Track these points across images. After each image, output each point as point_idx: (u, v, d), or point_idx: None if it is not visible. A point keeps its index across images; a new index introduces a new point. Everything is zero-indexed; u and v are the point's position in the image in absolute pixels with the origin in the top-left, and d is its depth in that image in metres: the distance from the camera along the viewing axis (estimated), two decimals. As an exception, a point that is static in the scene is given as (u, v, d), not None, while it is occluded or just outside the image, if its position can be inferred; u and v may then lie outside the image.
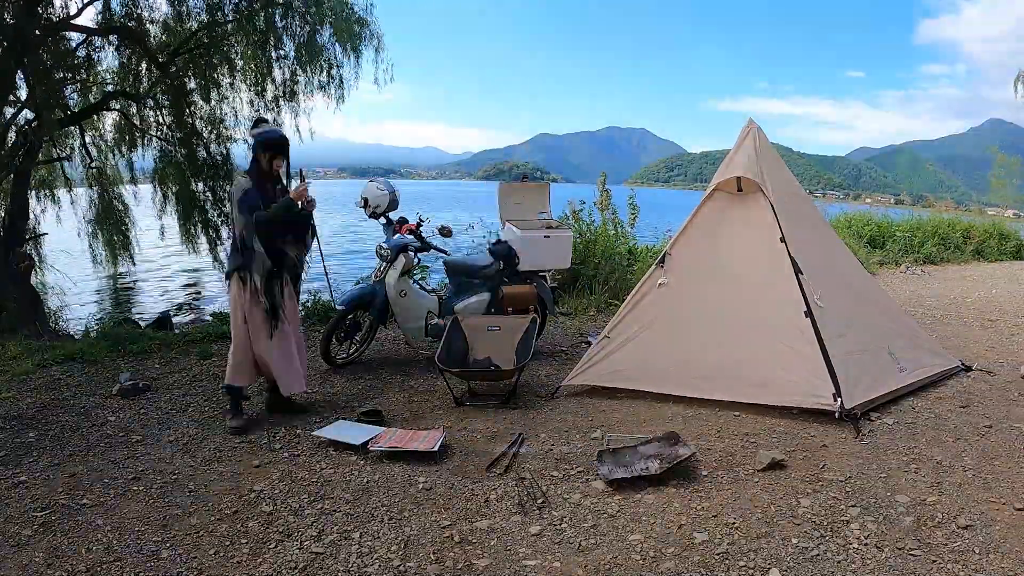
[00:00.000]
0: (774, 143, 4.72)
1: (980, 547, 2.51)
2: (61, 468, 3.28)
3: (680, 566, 2.43)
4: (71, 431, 3.75)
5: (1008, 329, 6.29)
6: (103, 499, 2.97)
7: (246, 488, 3.07)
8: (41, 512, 2.84)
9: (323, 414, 4.06)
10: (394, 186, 5.18)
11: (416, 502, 2.93)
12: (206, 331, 5.94)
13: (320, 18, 8.77)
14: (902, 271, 10.14)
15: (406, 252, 4.96)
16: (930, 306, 7.41)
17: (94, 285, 12.50)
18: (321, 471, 3.25)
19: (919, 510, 2.80)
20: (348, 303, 4.94)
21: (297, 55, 8.95)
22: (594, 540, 2.62)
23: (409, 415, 4.07)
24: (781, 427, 3.75)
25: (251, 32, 8.46)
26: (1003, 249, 12.18)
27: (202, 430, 3.79)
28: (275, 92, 9.28)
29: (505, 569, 2.44)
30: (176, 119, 8.75)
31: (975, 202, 18.65)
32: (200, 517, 2.81)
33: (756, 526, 2.68)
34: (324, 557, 2.51)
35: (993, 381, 4.64)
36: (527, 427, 3.83)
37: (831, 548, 2.52)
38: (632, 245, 8.11)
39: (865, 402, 3.91)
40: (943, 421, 3.86)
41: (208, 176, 9.14)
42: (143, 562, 2.48)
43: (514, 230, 5.32)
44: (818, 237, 4.67)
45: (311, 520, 2.78)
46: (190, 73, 8.74)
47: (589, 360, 4.42)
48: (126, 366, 4.97)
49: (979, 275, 9.95)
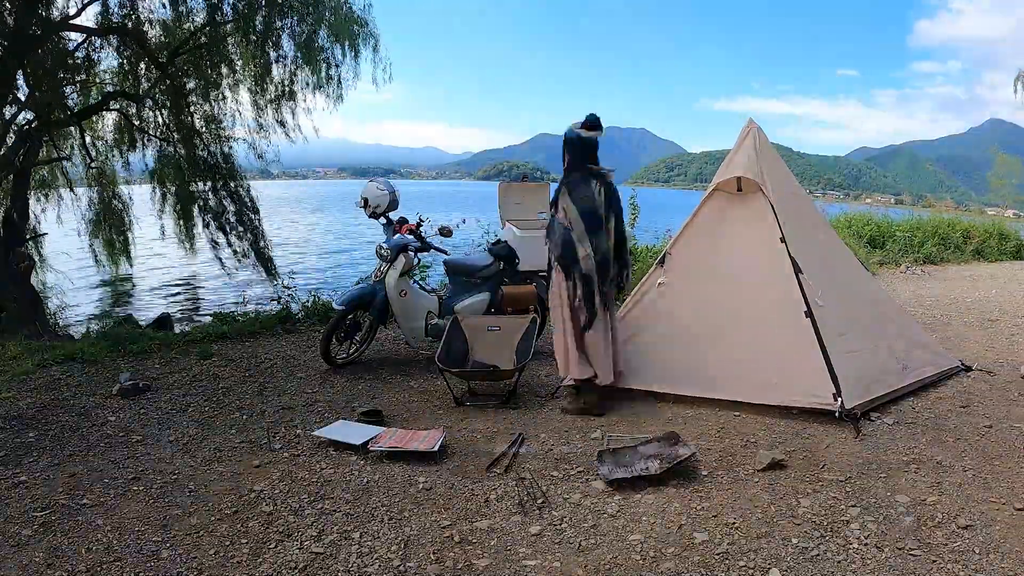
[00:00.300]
0: (773, 143, 4.72)
1: (980, 547, 2.51)
2: (61, 468, 3.28)
3: (680, 566, 2.43)
4: (71, 431, 3.76)
5: (1008, 329, 6.29)
6: (103, 499, 2.97)
7: (246, 488, 3.07)
8: (41, 512, 2.84)
9: (323, 414, 4.06)
10: (394, 186, 5.19)
11: (416, 502, 2.93)
12: (206, 331, 5.94)
13: (319, 18, 8.78)
14: (902, 271, 10.14)
15: (406, 252, 4.96)
16: (930, 306, 7.41)
17: (94, 285, 12.51)
18: (321, 471, 3.25)
19: (919, 510, 2.80)
20: (348, 303, 4.94)
21: (296, 55, 8.97)
22: (594, 540, 2.62)
23: (409, 415, 4.07)
24: (781, 427, 3.75)
25: (250, 32, 8.47)
26: (1003, 249, 12.18)
27: (202, 430, 3.79)
28: (275, 92, 9.30)
29: (505, 569, 2.44)
30: (176, 119, 8.76)
31: (975, 202, 18.68)
32: (200, 517, 2.81)
33: (756, 526, 2.68)
34: (324, 557, 2.51)
35: (993, 381, 4.63)
36: (527, 427, 3.83)
37: (831, 548, 2.52)
38: (632, 245, 8.12)
39: (865, 402, 3.90)
40: (943, 421, 3.86)
41: (208, 176, 9.14)
42: (143, 562, 2.48)
43: (514, 230, 5.32)
44: (818, 237, 4.67)
45: (311, 520, 2.78)
46: (190, 73, 8.75)
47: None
48: (126, 366, 4.97)
49: (979, 275, 9.95)
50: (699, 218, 4.46)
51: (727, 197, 4.40)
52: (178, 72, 8.63)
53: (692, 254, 4.41)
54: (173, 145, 9.05)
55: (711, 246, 4.37)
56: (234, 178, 9.13)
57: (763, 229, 4.20)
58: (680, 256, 4.43)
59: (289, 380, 4.72)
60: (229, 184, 9.08)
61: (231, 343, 5.70)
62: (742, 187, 4.33)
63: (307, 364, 5.10)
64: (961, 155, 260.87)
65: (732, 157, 4.40)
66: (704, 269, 4.33)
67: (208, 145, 8.98)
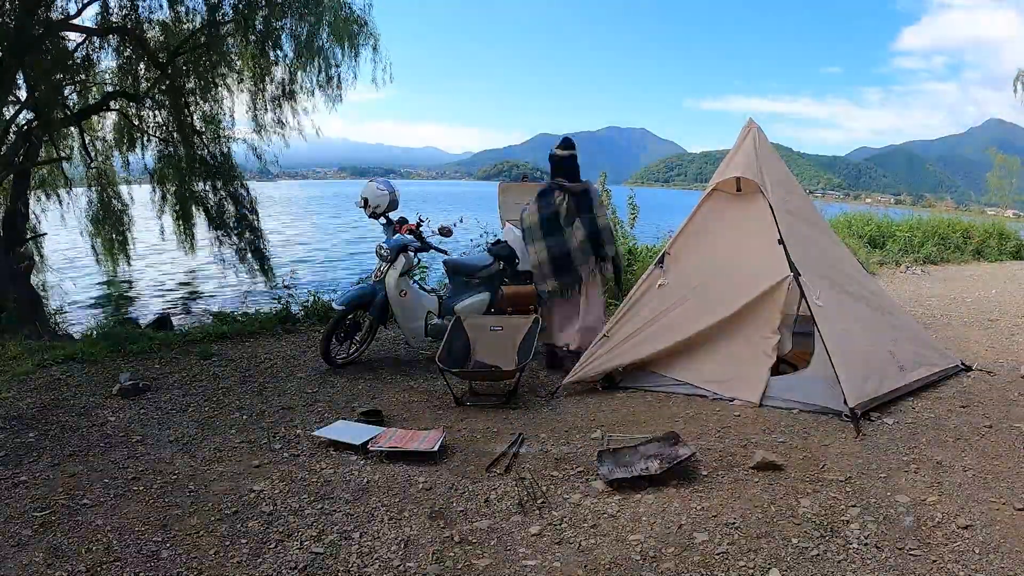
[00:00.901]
0: (773, 142, 4.72)
1: (980, 547, 2.51)
2: (61, 468, 3.28)
3: (680, 566, 2.43)
4: (71, 431, 3.75)
5: (1008, 329, 6.29)
6: (103, 499, 2.97)
7: (246, 488, 3.07)
8: (41, 512, 2.84)
9: (323, 414, 4.06)
10: (394, 186, 5.19)
11: (416, 502, 2.93)
12: (206, 331, 5.94)
13: (318, 18, 8.78)
14: (902, 271, 10.14)
15: (406, 252, 4.96)
16: (930, 306, 7.41)
17: (94, 284, 12.51)
18: (321, 471, 3.25)
19: (919, 510, 2.80)
20: (347, 303, 4.94)
21: (296, 55, 8.96)
22: (594, 540, 2.62)
23: (409, 415, 4.07)
24: (781, 427, 3.74)
25: (250, 32, 8.47)
26: (1003, 249, 12.17)
27: (202, 430, 3.79)
28: (274, 92, 9.30)
29: (505, 569, 2.44)
30: (175, 119, 8.76)
31: (975, 202, 18.67)
32: (200, 517, 2.81)
33: (756, 526, 2.68)
34: (324, 557, 2.51)
35: (993, 381, 4.63)
36: (527, 427, 3.83)
37: (831, 548, 2.52)
38: (632, 245, 8.12)
39: (865, 401, 3.90)
40: (943, 421, 3.85)
41: (207, 176, 9.14)
42: (143, 562, 2.48)
43: (514, 230, 5.31)
44: (818, 237, 4.67)
45: (311, 520, 2.78)
46: (189, 73, 8.75)
47: (589, 358, 4.42)
48: (126, 366, 4.97)
49: (979, 275, 9.95)
50: (698, 218, 4.46)
51: (726, 197, 4.40)
52: (177, 72, 8.62)
53: (690, 254, 4.40)
54: (173, 145, 9.05)
55: (710, 246, 4.37)
56: (233, 178, 9.13)
57: (762, 229, 4.20)
58: (679, 256, 4.43)
59: (289, 380, 4.73)
60: (228, 185, 9.08)
61: (231, 343, 5.70)
62: (741, 187, 4.33)
63: (307, 364, 5.10)
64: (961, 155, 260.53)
65: (732, 157, 4.40)
66: (703, 269, 4.33)
67: (208, 145, 8.98)
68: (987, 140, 61.75)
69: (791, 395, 3.91)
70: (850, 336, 4.14)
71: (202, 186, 9.25)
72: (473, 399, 4.32)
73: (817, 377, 3.85)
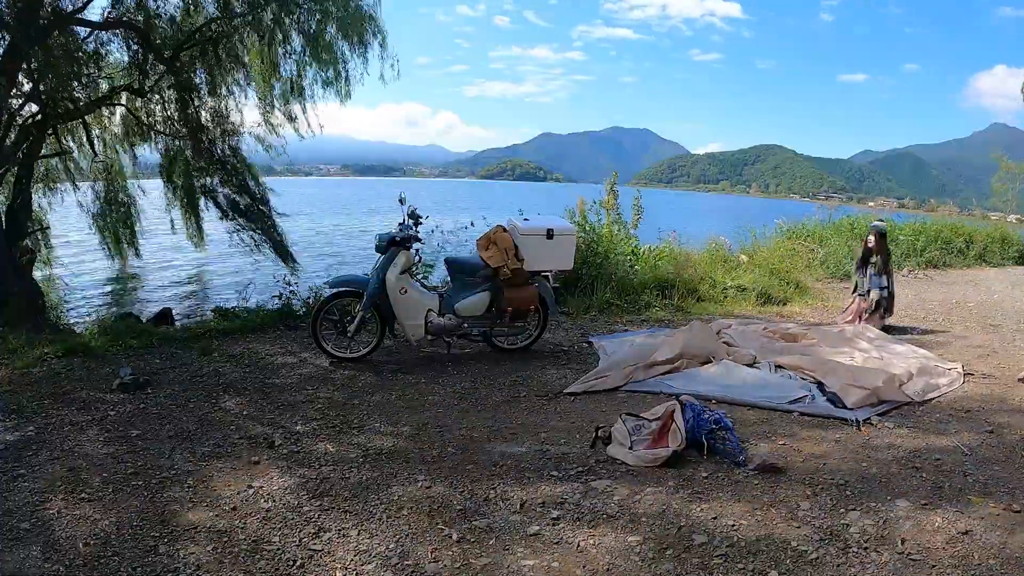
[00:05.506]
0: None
1: (979, 551, 2.51)
2: (60, 462, 3.28)
3: (679, 567, 2.42)
4: (71, 425, 3.75)
5: (1009, 334, 6.28)
6: (102, 493, 2.97)
7: (245, 484, 3.07)
8: (40, 506, 2.84)
9: (324, 411, 4.05)
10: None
11: (415, 500, 2.93)
12: (207, 327, 5.93)
13: (327, 13, 8.75)
14: (904, 275, 10.12)
15: (405, 249, 4.96)
16: (932, 310, 7.40)
17: (97, 279, 12.53)
18: (320, 468, 3.25)
19: (919, 514, 2.79)
20: (336, 286, 4.92)
21: (304, 50, 8.94)
22: (594, 540, 2.61)
23: (408, 413, 4.06)
24: (782, 428, 3.74)
25: (258, 27, 8.45)
26: (1006, 254, 12.14)
27: (202, 426, 3.79)
28: (282, 87, 9.27)
29: (504, 569, 2.43)
30: (182, 114, 8.74)
31: (978, 207, 18.57)
32: (198, 513, 2.81)
33: (755, 528, 2.68)
34: (322, 554, 2.51)
35: (994, 386, 4.62)
36: (528, 426, 3.82)
37: (830, 552, 2.51)
38: (635, 246, 8.11)
39: (867, 406, 3.90)
40: (943, 424, 3.85)
41: (216, 170, 9.12)
42: (141, 557, 2.48)
43: (516, 229, 5.29)
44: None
45: (310, 517, 2.78)
46: (196, 68, 8.73)
47: (597, 376, 4.47)
48: (127, 361, 4.96)
49: (981, 279, 9.93)
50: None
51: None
52: (185, 67, 8.60)
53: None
54: (180, 140, 9.02)
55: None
56: (242, 172, 9.09)
57: None
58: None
59: (289, 376, 4.72)
60: (235, 178, 9.04)
61: (232, 339, 5.69)
62: None
63: (308, 361, 5.09)
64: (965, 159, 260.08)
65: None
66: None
67: (215, 140, 8.94)
68: (991, 145, 62.01)
69: (790, 394, 3.91)
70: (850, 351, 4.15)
71: (210, 180, 9.20)
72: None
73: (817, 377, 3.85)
